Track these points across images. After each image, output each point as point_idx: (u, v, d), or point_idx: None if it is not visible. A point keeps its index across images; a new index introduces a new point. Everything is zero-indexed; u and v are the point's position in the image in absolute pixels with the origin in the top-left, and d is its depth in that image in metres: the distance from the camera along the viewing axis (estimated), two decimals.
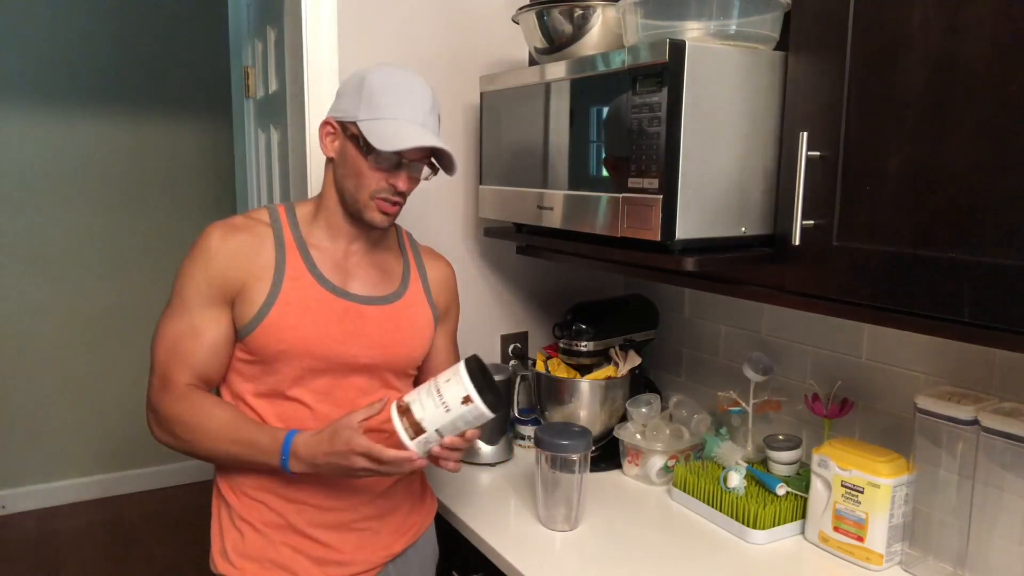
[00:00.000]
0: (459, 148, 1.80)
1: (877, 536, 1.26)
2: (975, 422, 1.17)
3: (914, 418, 1.25)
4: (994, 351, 1.25)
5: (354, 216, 1.22)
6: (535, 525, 1.42)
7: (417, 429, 1.06)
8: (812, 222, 1.12)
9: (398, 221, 1.41)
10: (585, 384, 1.67)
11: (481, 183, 1.63)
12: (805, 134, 1.09)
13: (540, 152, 1.42)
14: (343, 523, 1.23)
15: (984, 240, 0.92)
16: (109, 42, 3.40)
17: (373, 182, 1.17)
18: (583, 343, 1.69)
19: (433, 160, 1.22)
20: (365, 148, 1.16)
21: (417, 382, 1.37)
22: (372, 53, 1.67)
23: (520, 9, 1.46)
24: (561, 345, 1.73)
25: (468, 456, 1.71)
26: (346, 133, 1.19)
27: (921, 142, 0.98)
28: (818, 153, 1.10)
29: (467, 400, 1.05)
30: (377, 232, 1.28)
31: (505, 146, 1.54)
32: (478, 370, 1.08)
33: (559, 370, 1.73)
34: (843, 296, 1.09)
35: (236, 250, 1.18)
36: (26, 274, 3.38)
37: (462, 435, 1.10)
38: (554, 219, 1.39)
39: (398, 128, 1.14)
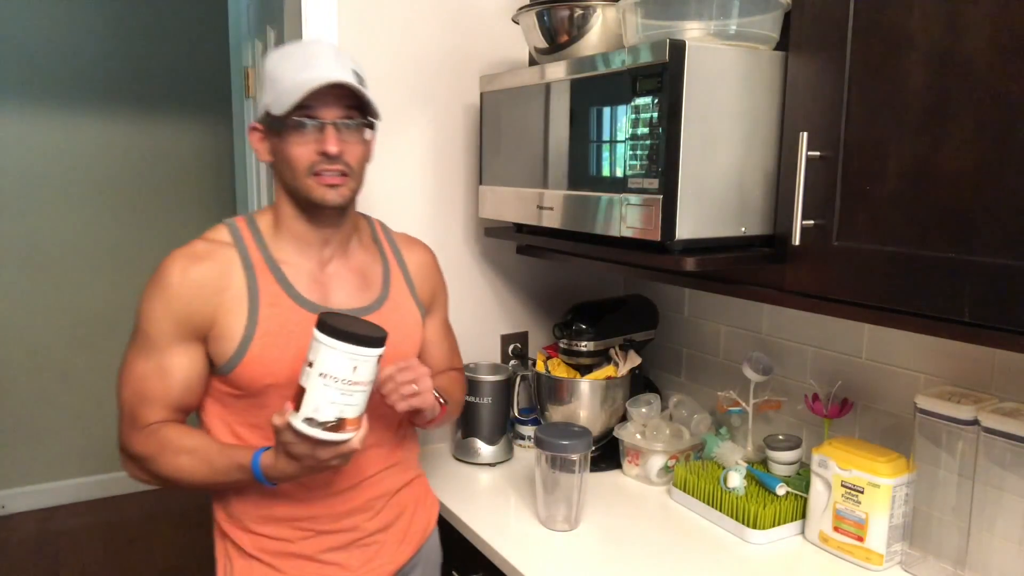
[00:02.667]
0: (459, 148, 1.81)
1: (877, 536, 1.26)
2: (975, 422, 1.17)
3: (914, 418, 1.25)
4: (994, 351, 1.25)
5: (307, 208, 1.14)
6: (535, 525, 1.42)
7: (338, 425, 1.00)
8: (812, 222, 1.12)
9: (376, 215, 1.37)
10: (585, 384, 1.67)
11: (481, 183, 1.63)
12: (805, 134, 1.09)
13: (540, 152, 1.42)
14: (349, 542, 1.21)
15: (984, 240, 0.92)
16: (109, 42, 3.40)
17: (304, 157, 1.09)
18: (583, 343, 1.68)
19: (363, 117, 1.13)
20: (280, 126, 1.09)
21: None
22: (372, 53, 1.67)
23: (520, 9, 1.46)
24: (561, 345, 1.73)
25: (468, 456, 1.71)
26: (267, 128, 1.14)
27: (921, 142, 0.98)
28: (818, 153, 1.10)
29: (359, 363, 0.99)
30: (345, 228, 1.21)
31: (505, 146, 1.54)
32: (338, 329, 0.98)
33: (559, 370, 1.73)
34: (843, 296, 1.09)
35: (201, 283, 1.10)
36: (26, 274, 3.38)
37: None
38: (554, 219, 1.39)
39: (296, 86, 1.06)
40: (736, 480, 1.41)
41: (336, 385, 0.98)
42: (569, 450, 1.38)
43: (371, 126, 1.15)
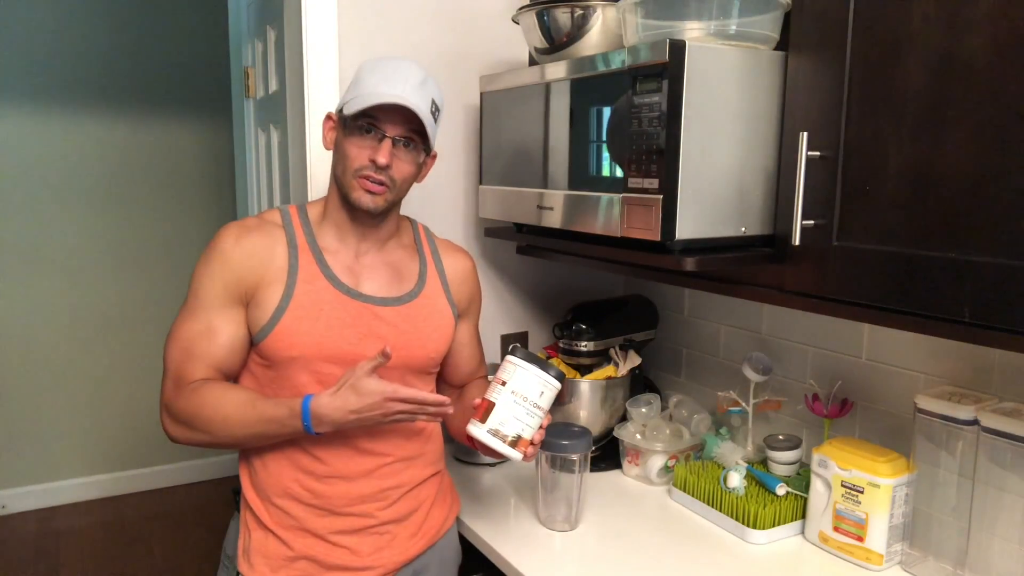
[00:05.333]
0: (459, 148, 1.80)
1: (877, 536, 1.26)
2: (975, 422, 1.17)
3: (914, 418, 1.25)
4: (994, 351, 1.25)
5: (348, 204, 1.21)
6: (535, 525, 1.42)
7: (515, 441, 1.14)
8: (812, 222, 1.12)
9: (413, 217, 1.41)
10: (585, 384, 1.67)
11: (481, 183, 1.63)
12: (805, 134, 1.09)
13: (540, 152, 1.42)
14: (362, 527, 1.23)
15: (984, 240, 0.92)
16: (109, 42, 3.40)
17: (357, 158, 1.17)
18: (583, 343, 1.69)
19: (423, 142, 1.21)
20: (348, 124, 1.18)
21: (441, 377, 1.39)
22: (372, 53, 1.67)
23: (520, 9, 1.46)
24: (561, 345, 1.73)
25: (469, 456, 1.71)
26: (338, 121, 1.22)
27: (921, 142, 0.98)
28: (818, 153, 1.10)
29: (545, 388, 1.14)
30: (384, 229, 1.27)
31: (505, 146, 1.54)
32: (532, 356, 1.15)
33: None
34: (843, 296, 1.09)
35: (250, 251, 1.18)
36: (26, 274, 3.38)
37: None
38: (554, 219, 1.39)
39: (371, 95, 1.15)
40: (736, 480, 1.41)
41: (524, 404, 1.13)
42: (569, 450, 1.38)
43: (426, 151, 1.24)
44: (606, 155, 1.26)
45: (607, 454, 1.70)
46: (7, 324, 3.37)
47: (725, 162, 1.18)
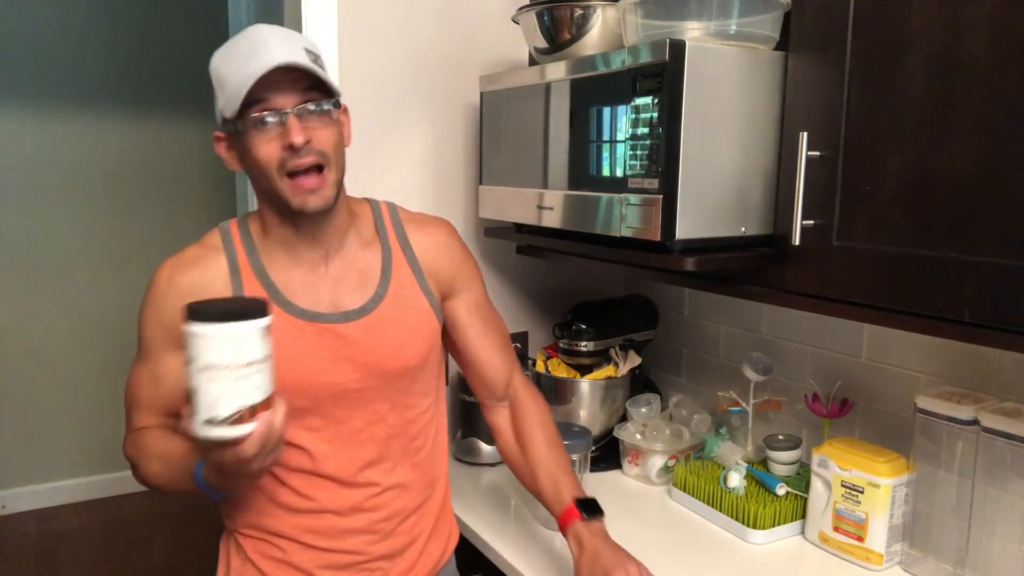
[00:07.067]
0: (459, 148, 1.80)
1: (877, 536, 1.26)
2: (975, 422, 1.17)
3: (914, 418, 1.25)
4: (994, 351, 1.25)
5: (289, 214, 1.04)
6: (535, 525, 1.42)
7: (243, 417, 0.85)
8: (812, 222, 1.12)
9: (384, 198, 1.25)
10: (585, 384, 1.67)
11: (481, 183, 1.63)
12: (805, 134, 1.09)
13: (540, 152, 1.42)
14: (351, 564, 1.13)
15: (984, 240, 0.92)
16: (109, 42, 3.41)
17: (272, 155, 0.99)
18: (583, 343, 1.69)
19: (327, 98, 1.02)
20: (240, 129, 1.00)
21: (470, 381, 1.28)
22: (372, 53, 1.67)
23: (520, 9, 1.46)
24: (561, 345, 1.73)
25: (468, 456, 1.71)
26: (229, 135, 1.05)
27: (921, 142, 0.98)
28: (818, 153, 1.10)
29: (243, 341, 0.84)
30: (337, 220, 1.10)
31: (505, 146, 1.54)
32: (207, 312, 0.84)
33: (559, 370, 1.73)
34: (843, 296, 1.09)
35: (185, 289, 1.04)
36: (26, 274, 3.38)
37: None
38: (554, 219, 1.39)
39: (243, 81, 0.96)
40: (736, 480, 1.41)
41: (226, 374, 0.83)
42: (569, 450, 1.37)
43: (337, 105, 1.04)
44: (606, 155, 1.26)
45: (607, 454, 1.70)
46: (7, 324, 3.37)
47: (725, 162, 1.18)
